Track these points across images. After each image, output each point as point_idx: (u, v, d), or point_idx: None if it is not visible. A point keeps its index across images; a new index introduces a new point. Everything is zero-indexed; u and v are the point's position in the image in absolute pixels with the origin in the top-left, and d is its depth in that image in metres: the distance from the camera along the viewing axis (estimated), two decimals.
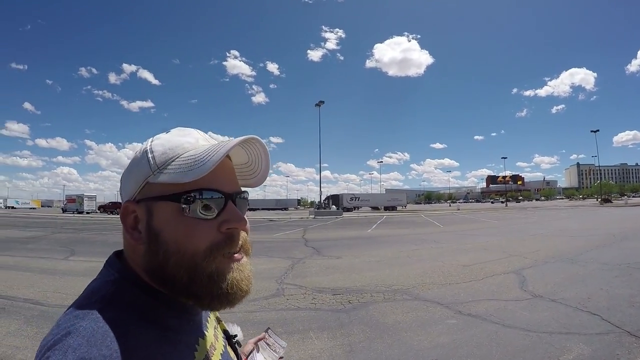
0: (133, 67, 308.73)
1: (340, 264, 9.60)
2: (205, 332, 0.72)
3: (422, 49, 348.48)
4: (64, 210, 61.09)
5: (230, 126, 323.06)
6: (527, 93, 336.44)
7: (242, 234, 0.66)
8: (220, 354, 0.75)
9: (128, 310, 0.57)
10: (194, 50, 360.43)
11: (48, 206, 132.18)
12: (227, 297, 0.62)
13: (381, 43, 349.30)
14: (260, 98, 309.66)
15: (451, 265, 8.97)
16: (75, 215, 50.73)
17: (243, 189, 0.71)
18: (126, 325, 0.54)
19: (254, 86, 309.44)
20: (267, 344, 1.04)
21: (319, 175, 49.00)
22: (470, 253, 10.89)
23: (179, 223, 0.61)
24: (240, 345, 0.91)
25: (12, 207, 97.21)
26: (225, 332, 0.87)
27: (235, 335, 0.89)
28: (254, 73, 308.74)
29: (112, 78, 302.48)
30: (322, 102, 48.23)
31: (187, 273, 0.60)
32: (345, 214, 46.95)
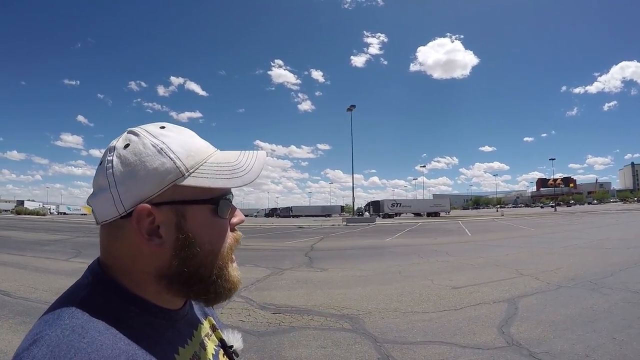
0: (180, 80, 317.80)
1: (318, 278, 8.37)
2: (189, 341, 0.65)
3: (466, 49, 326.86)
4: None
5: (277, 134, 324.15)
6: (577, 90, 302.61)
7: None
8: None
9: (98, 316, 0.51)
10: (238, 61, 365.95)
11: None
12: (228, 293, 0.62)
13: (424, 45, 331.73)
14: (306, 106, 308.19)
15: (438, 287, 7.12)
16: None
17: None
18: (94, 334, 0.48)
19: (299, 94, 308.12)
20: None
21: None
22: (474, 270, 8.80)
23: (215, 225, 0.60)
24: (237, 355, 0.79)
25: (64, 213, 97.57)
26: (221, 340, 0.77)
27: (232, 345, 0.78)
28: (299, 81, 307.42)
29: (161, 90, 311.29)
30: (354, 106, 46.29)
31: (216, 271, 0.60)
32: (381, 221, 44.00)
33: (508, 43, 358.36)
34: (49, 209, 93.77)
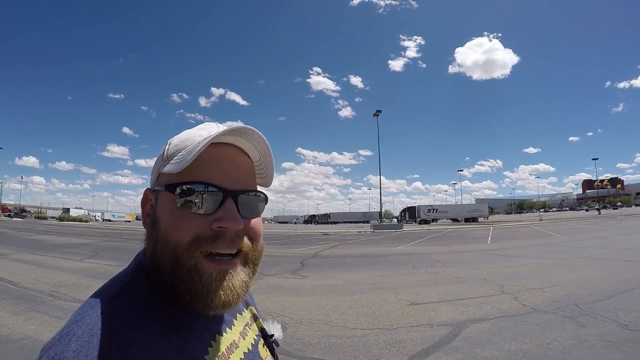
0: (221, 90, 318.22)
1: (289, 285, 7.94)
2: (228, 329, 0.62)
3: (505, 47, 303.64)
4: None
5: (319, 141, 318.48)
6: (622, 85, 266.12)
7: (241, 238, 0.56)
8: (244, 352, 0.63)
9: (136, 301, 0.52)
10: (277, 70, 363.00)
11: None
12: (205, 299, 0.53)
13: (461, 46, 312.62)
14: (346, 112, 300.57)
15: (396, 302, 6.12)
16: None
17: (260, 189, 0.63)
18: (130, 315, 0.50)
19: (339, 101, 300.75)
20: None
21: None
22: (455, 285, 7.51)
23: (172, 214, 0.55)
24: (277, 345, 0.75)
25: (109, 220, 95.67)
26: (262, 330, 0.73)
27: (272, 335, 0.74)
28: (338, 88, 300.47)
29: (203, 101, 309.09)
30: (380, 111, 44.67)
31: (169, 263, 0.54)
32: (409, 228, 41.25)
33: (547, 39, 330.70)
34: (94, 216, 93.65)
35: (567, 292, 6.39)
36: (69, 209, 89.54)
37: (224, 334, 0.60)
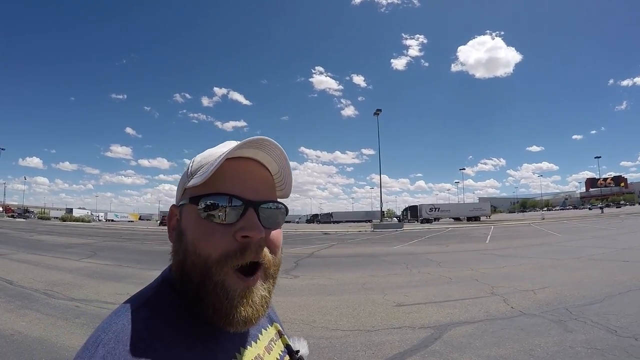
0: (224, 90, 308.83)
1: (277, 285, 7.18)
2: (253, 343, 0.63)
3: (508, 45, 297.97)
4: (161, 224, 55.65)
5: (322, 140, 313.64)
6: (625, 83, 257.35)
7: (263, 249, 0.57)
8: None
9: (161, 312, 0.54)
10: (280, 69, 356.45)
11: (147, 219, 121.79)
12: (227, 316, 0.54)
13: (464, 45, 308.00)
14: (349, 111, 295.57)
15: (382, 303, 5.96)
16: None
17: (280, 200, 0.64)
18: (155, 325, 0.51)
19: (342, 100, 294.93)
20: None
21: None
22: (445, 285, 7.30)
23: (197, 225, 0.56)
24: None
25: (112, 220, 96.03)
26: (287, 347, 0.73)
27: (298, 351, 0.74)
28: (341, 87, 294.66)
29: (205, 101, 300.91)
30: (380, 110, 44.15)
31: (199, 275, 0.54)
32: (410, 227, 40.71)
33: (550, 37, 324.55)
34: (97, 216, 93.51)
35: (559, 294, 6.16)
36: (71, 209, 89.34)
37: (248, 347, 0.61)
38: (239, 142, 0.57)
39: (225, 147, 0.61)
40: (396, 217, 56.64)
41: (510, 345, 3.90)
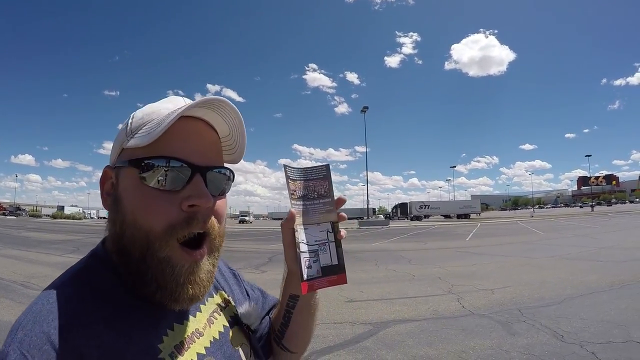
0: (217, 87, 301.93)
1: None
2: (191, 317, 0.59)
3: (501, 44, 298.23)
4: None
5: (315, 137, 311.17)
6: (618, 82, 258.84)
7: (211, 219, 0.53)
8: (210, 341, 0.59)
9: (84, 288, 0.51)
10: (273, 66, 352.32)
11: None
12: (172, 293, 0.51)
13: (458, 43, 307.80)
14: (342, 108, 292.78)
15: (336, 298, 5.79)
16: None
17: (227, 165, 0.59)
18: (75, 302, 0.49)
19: (335, 97, 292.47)
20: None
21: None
22: (405, 283, 7.08)
23: (138, 192, 0.51)
24: (252, 331, 0.68)
25: (104, 217, 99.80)
26: (235, 315, 0.67)
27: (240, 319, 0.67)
28: (334, 84, 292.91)
29: (198, 98, 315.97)
30: (367, 107, 44.31)
31: (139, 250, 0.50)
32: (396, 224, 40.69)
33: (544, 36, 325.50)
34: (89, 213, 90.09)
35: (517, 294, 5.95)
36: (63, 206, 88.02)
37: (184, 322, 0.57)
38: (188, 102, 0.52)
39: (171, 104, 0.56)
40: (383, 215, 56.36)
41: (442, 346, 3.69)
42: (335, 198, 0.68)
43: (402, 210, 65.14)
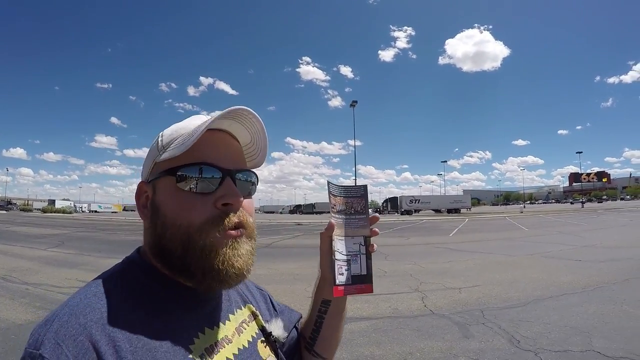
0: (210, 80, 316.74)
1: None
2: (221, 324, 0.62)
3: (496, 39, 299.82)
4: None
5: (309, 131, 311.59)
6: (611, 80, 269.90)
7: (243, 214, 0.58)
8: (239, 349, 0.62)
9: (121, 286, 0.54)
10: (267, 59, 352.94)
11: (131, 210, 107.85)
12: (218, 274, 0.54)
13: (452, 38, 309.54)
14: (336, 102, 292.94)
15: (302, 292, 5.69)
16: None
17: (252, 170, 0.65)
18: (112, 298, 0.51)
19: (329, 90, 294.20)
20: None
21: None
22: (376, 279, 6.98)
23: (176, 197, 0.56)
24: (280, 344, 0.73)
25: (95, 211, 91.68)
26: (262, 329, 0.72)
27: (271, 332, 0.72)
28: (328, 78, 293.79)
29: (191, 91, 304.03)
30: (356, 101, 43.79)
31: (181, 245, 0.54)
32: (391, 218, 40.79)
33: (538, 32, 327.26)
34: (80, 207, 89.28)
35: (484, 294, 5.87)
36: (54, 200, 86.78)
37: (215, 327, 0.60)
38: (219, 113, 0.56)
39: (197, 120, 0.61)
40: (373, 209, 56.35)
41: (390, 347, 3.61)
42: (370, 215, 0.76)
43: (392, 204, 65.23)
